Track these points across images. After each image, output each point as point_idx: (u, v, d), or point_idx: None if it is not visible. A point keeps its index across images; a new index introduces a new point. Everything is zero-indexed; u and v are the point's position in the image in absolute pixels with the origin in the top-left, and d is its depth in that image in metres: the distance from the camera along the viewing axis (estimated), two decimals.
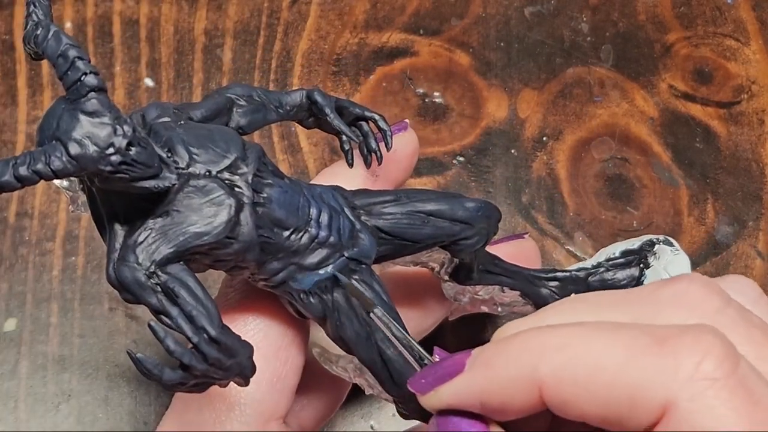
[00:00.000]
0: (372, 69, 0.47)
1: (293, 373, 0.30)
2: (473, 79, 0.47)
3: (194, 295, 0.27)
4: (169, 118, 0.29)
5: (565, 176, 0.45)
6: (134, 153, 0.26)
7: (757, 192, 0.45)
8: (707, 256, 0.44)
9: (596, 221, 0.44)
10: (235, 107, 0.31)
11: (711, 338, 0.22)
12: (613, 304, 0.25)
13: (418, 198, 0.31)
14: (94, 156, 0.25)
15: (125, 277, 0.27)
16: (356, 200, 0.30)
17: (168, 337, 0.25)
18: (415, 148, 0.34)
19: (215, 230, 0.27)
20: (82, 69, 0.25)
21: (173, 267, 0.27)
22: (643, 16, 0.49)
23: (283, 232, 0.28)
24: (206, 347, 0.25)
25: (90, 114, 0.25)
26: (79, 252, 0.42)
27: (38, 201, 0.43)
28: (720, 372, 0.22)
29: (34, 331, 0.41)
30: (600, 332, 0.23)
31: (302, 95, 0.33)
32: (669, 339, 0.22)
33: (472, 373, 0.25)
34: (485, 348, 0.25)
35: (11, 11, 0.48)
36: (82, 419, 0.39)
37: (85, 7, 0.48)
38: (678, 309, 0.24)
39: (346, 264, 0.29)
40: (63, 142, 0.25)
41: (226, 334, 0.25)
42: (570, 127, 0.46)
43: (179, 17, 0.48)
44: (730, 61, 0.48)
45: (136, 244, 0.27)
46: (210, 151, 0.28)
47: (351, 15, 0.49)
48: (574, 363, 0.23)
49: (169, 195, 0.27)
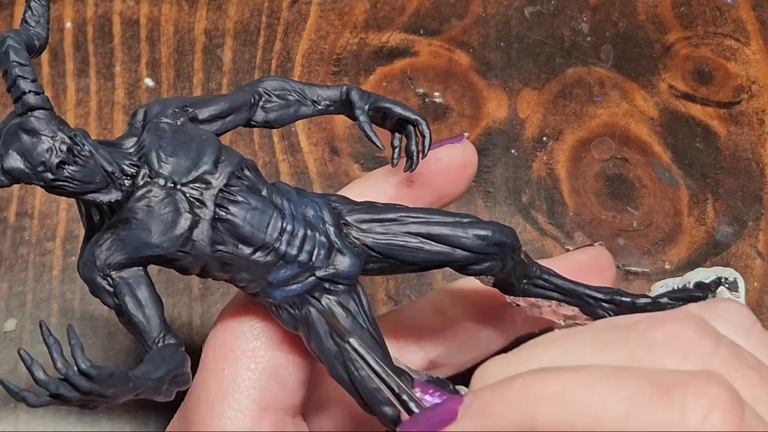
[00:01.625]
0: (372, 69, 0.47)
1: (296, 366, 0.30)
2: (473, 79, 0.47)
3: (138, 303, 0.28)
4: (167, 119, 0.29)
5: (565, 176, 0.45)
6: (68, 171, 0.27)
7: (757, 192, 0.45)
8: (707, 256, 0.44)
9: (596, 221, 0.44)
10: (263, 101, 0.31)
11: (717, 388, 0.21)
12: (606, 344, 0.24)
13: (421, 219, 0.30)
14: (26, 172, 0.26)
15: (85, 274, 0.28)
16: (351, 215, 0.30)
17: (35, 364, 0.24)
18: (465, 160, 0.32)
19: (166, 243, 0.28)
20: (21, 88, 0.26)
21: (128, 271, 0.28)
22: (643, 16, 0.49)
23: (246, 248, 0.28)
24: (76, 379, 0.24)
25: (28, 131, 0.26)
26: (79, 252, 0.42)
27: (38, 201, 0.43)
28: (728, 424, 0.21)
29: (34, 331, 0.41)
30: (600, 378, 0.22)
31: (341, 91, 0.32)
32: (673, 389, 0.21)
33: (466, 422, 0.23)
34: (478, 394, 0.24)
35: (11, 11, 0.48)
36: (82, 419, 0.39)
37: (85, 7, 0.48)
38: (672, 352, 0.23)
39: (317, 283, 0.29)
40: (0, 155, 0.26)
41: (98, 368, 0.25)
42: (570, 127, 0.46)
43: (179, 17, 0.48)
44: (730, 61, 0.48)
45: (97, 245, 0.28)
46: (181, 161, 0.28)
47: (351, 15, 0.49)
48: (574, 413, 0.22)
49: (130, 202, 0.28)
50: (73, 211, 0.43)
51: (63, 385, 0.24)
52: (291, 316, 0.29)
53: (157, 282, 0.29)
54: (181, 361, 0.28)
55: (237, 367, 0.29)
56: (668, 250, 0.44)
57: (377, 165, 0.45)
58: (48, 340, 0.25)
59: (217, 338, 0.30)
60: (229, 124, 0.30)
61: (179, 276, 0.35)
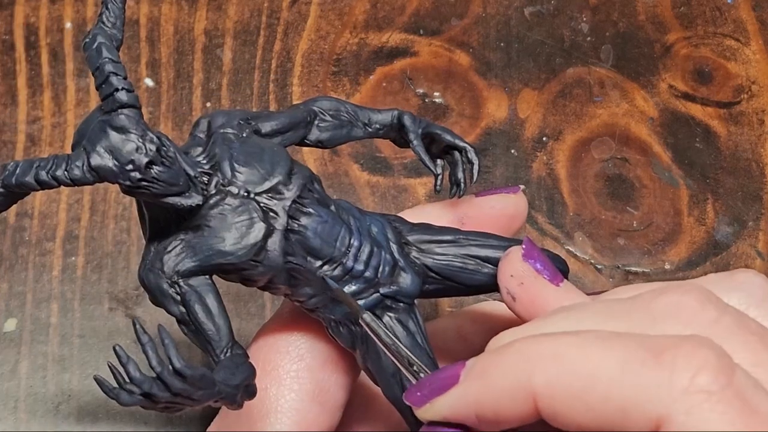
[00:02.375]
0: (372, 69, 0.47)
1: (339, 388, 0.30)
2: (473, 79, 0.47)
3: (207, 312, 0.27)
4: (233, 130, 0.29)
5: (565, 176, 0.45)
6: (155, 172, 0.26)
7: (757, 192, 0.45)
8: (707, 256, 0.44)
9: (596, 221, 0.44)
10: (318, 120, 0.31)
11: (706, 351, 0.22)
12: (609, 314, 0.25)
13: (477, 242, 0.30)
14: (113, 170, 0.26)
15: (150, 281, 0.28)
16: (412, 235, 0.30)
17: (130, 362, 0.24)
18: (517, 211, 0.33)
19: (239, 252, 0.27)
20: (114, 85, 0.26)
21: (196, 279, 0.28)
22: (643, 16, 0.49)
23: (315, 261, 0.28)
24: (169, 378, 0.24)
25: (117, 129, 0.26)
26: (79, 252, 0.42)
27: (38, 201, 0.43)
28: (716, 385, 0.21)
29: (34, 331, 0.41)
30: (595, 342, 0.23)
31: (393, 116, 0.32)
32: (664, 352, 0.22)
33: (467, 385, 0.24)
34: (479, 358, 0.25)
35: (11, 11, 0.48)
36: (82, 419, 0.39)
37: (85, 7, 0.48)
38: (674, 321, 0.24)
39: (380, 300, 0.29)
40: (87, 152, 0.26)
41: (192, 368, 0.24)
42: (570, 127, 0.46)
43: (179, 17, 0.48)
44: (730, 61, 0.48)
45: (165, 251, 0.28)
46: (255, 171, 0.28)
47: (351, 15, 0.49)
48: (569, 373, 0.23)
49: (202, 209, 0.27)
50: (73, 211, 0.43)
51: (156, 383, 0.24)
52: (350, 333, 0.29)
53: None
54: (252, 371, 0.27)
55: (281, 386, 0.29)
56: (668, 250, 0.44)
57: (377, 165, 0.45)
58: (142, 338, 0.24)
59: (262, 354, 0.30)
60: (287, 140, 0.30)
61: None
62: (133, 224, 0.43)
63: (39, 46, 0.47)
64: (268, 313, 0.41)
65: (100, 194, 0.44)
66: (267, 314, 0.41)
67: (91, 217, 0.43)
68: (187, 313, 0.27)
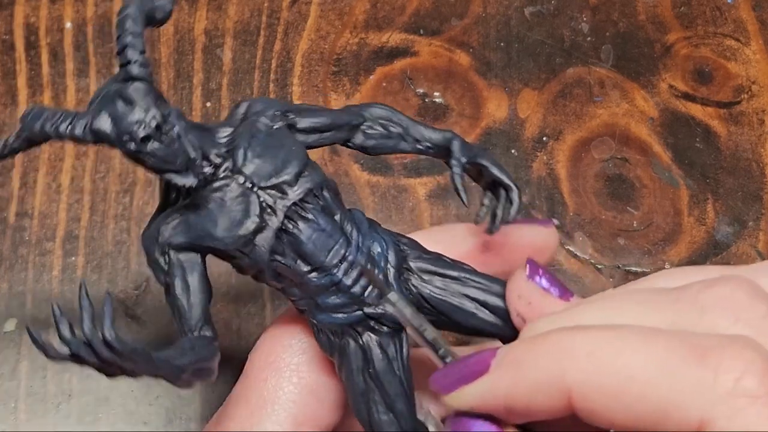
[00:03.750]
0: (372, 69, 0.47)
1: (339, 386, 0.30)
2: (473, 79, 0.47)
3: (185, 287, 0.28)
4: (265, 119, 0.29)
5: (565, 176, 0.45)
6: (150, 147, 0.27)
7: (757, 192, 0.45)
8: (707, 256, 0.44)
9: (596, 221, 0.44)
10: (366, 127, 0.31)
11: (752, 353, 0.21)
12: (653, 305, 0.24)
13: (481, 285, 0.29)
14: (111, 136, 0.27)
15: (146, 246, 0.29)
16: (416, 262, 0.29)
17: (63, 321, 0.24)
18: (545, 245, 0.32)
19: (227, 239, 0.28)
20: (128, 57, 0.27)
21: (186, 255, 0.28)
22: (643, 16, 0.49)
23: (305, 266, 0.28)
24: (98, 346, 0.24)
25: (124, 99, 0.27)
26: (79, 252, 0.42)
27: (38, 201, 0.43)
28: (762, 389, 0.21)
29: None
30: (634, 339, 0.22)
31: (445, 138, 0.31)
32: (708, 352, 0.21)
33: (498, 374, 0.23)
34: (512, 347, 0.24)
35: (11, 11, 0.48)
36: (82, 419, 0.39)
37: (85, 7, 0.48)
38: (722, 315, 0.23)
39: (362, 319, 0.28)
40: (92, 114, 0.27)
41: (122, 342, 0.24)
42: (570, 127, 0.46)
43: (179, 17, 0.48)
44: (730, 61, 0.48)
45: (165, 221, 0.28)
46: (265, 164, 0.28)
47: (351, 15, 0.49)
48: (606, 371, 0.22)
49: (205, 191, 0.28)
50: (73, 211, 0.43)
51: (84, 348, 0.24)
52: (329, 342, 0.29)
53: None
54: (209, 355, 0.28)
55: (280, 378, 0.29)
56: (668, 250, 0.44)
57: (377, 165, 0.45)
58: (83, 302, 0.25)
59: (265, 347, 0.30)
60: (326, 140, 0.30)
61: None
62: (133, 224, 0.43)
63: (39, 46, 0.47)
64: (268, 313, 0.41)
65: (100, 194, 0.44)
66: (267, 314, 0.41)
67: (91, 217, 0.43)
68: (168, 283, 0.28)
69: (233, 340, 0.40)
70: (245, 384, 0.30)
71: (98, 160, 0.44)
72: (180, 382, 0.27)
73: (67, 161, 0.44)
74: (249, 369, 0.30)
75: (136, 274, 0.42)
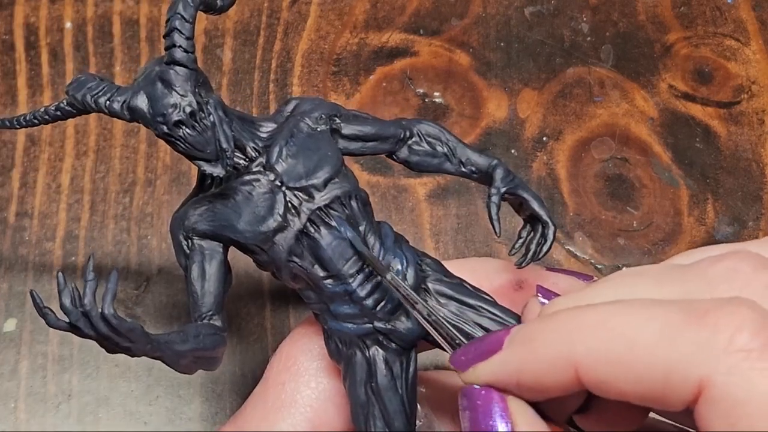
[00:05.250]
0: (372, 69, 0.47)
1: None
2: (473, 79, 0.47)
3: (201, 274, 0.28)
4: (309, 121, 0.29)
5: (565, 176, 0.45)
6: (182, 132, 0.27)
7: (757, 192, 0.45)
8: None
9: (596, 221, 0.44)
10: (412, 142, 0.31)
11: (745, 310, 0.22)
12: (665, 280, 0.25)
13: (497, 318, 0.29)
14: (145, 116, 0.27)
15: (173, 227, 0.29)
16: (436, 285, 0.30)
17: (66, 291, 0.25)
18: None
19: (248, 234, 0.28)
20: (173, 40, 0.28)
21: (208, 242, 0.29)
22: (643, 16, 0.49)
23: (321, 271, 0.28)
24: (95, 319, 0.25)
25: (164, 82, 0.27)
26: (79, 252, 0.42)
27: (38, 201, 0.43)
28: (756, 342, 0.21)
29: (34, 331, 0.41)
30: (637, 309, 0.23)
31: (490, 165, 0.31)
32: (706, 314, 0.22)
33: (510, 351, 0.24)
34: (524, 326, 0.25)
35: (11, 11, 0.48)
36: (82, 419, 0.39)
37: (85, 7, 0.48)
38: (728, 285, 0.24)
39: (371, 332, 0.28)
40: (132, 92, 0.27)
41: (120, 319, 0.25)
42: (570, 127, 0.46)
43: None
44: (730, 61, 0.48)
45: (193, 207, 0.29)
46: (298, 165, 0.28)
47: (351, 15, 0.49)
48: (610, 340, 0.23)
49: (235, 182, 0.28)
50: (73, 211, 0.43)
51: (83, 320, 0.25)
52: (337, 349, 0.29)
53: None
54: (214, 345, 0.28)
55: (298, 382, 0.30)
56: (668, 250, 0.44)
57: (377, 165, 0.45)
58: (88, 275, 0.25)
59: (285, 351, 0.30)
60: (369, 149, 0.31)
61: None
62: (133, 224, 0.43)
63: (39, 46, 0.47)
64: (268, 313, 0.41)
65: (100, 194, 0.44)
66: (267, 314, 0.41)
67: (91, 217, 0.43)
68: (187, 267, 0.29)
69: (233, 340, 0.40)
70: (264, 386, 0.30)
71: (98, 160, 0.44)
72: (179, 367, 0.27)
73: (67, 161, 0.44)
74: (268, 372, 0.31)
75: (136, 274, 0.42)
